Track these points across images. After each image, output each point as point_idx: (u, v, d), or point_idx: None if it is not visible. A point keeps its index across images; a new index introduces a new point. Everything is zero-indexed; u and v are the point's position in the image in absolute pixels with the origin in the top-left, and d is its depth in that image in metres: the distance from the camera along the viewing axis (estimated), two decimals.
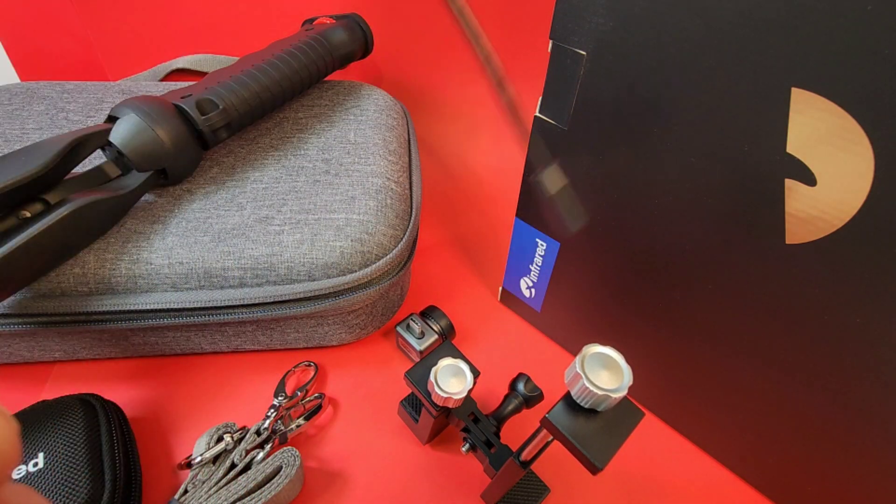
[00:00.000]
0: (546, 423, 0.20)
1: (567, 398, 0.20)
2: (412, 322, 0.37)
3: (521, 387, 0.31)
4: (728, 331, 0.27)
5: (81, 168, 0.35)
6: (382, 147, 0.38)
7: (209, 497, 0.28)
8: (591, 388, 0.18)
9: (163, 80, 0.52)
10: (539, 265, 0.36)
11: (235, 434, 0.31)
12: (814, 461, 0.28)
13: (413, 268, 0.44)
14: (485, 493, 0.30)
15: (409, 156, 0.41)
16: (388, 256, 0.33)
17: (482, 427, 0.29)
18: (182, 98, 0.34)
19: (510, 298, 0.41)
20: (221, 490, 0.28)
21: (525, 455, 0.25)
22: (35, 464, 0.27)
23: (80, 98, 0.41)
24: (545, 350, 0.39)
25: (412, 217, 0.36)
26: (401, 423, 0.34)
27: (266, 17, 0.50)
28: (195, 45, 0.52)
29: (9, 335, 0.33)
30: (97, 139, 0.31)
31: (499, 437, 0.29)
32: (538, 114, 0.29)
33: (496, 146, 0.54)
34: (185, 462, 0.30)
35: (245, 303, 0.31)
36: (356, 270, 0.32)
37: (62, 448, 0.28)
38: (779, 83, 0.20)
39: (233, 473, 0.29)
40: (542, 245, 0.35)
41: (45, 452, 0.27)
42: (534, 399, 0.31)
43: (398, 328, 0.37)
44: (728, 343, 0.28)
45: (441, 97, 0.54)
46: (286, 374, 0.35)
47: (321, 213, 0.33)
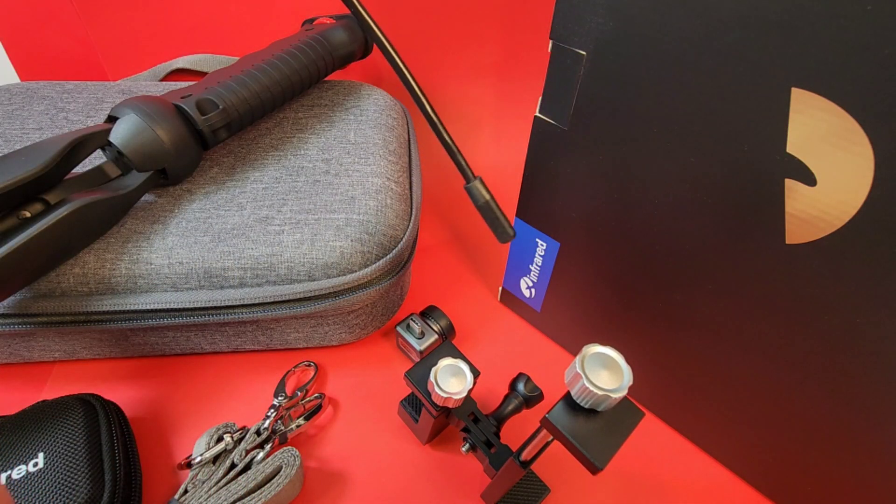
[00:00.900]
0: (546, 423, 0.20)
1: (567, 398, 0.20)
2: (412, 322, 0.37)
3: (521, 387, 0.31)
4: (728, 331, 0.27)
5: (81, 168, 0.35)
6: (382, 147, 0.38)
7: (209, 497, 0.28)
8: (591, 389, 0.18)
9: (163, 80, 0.52)
10: (539, 265, 0.36)
11: (235, 434, 0.31)
12: (814, 461, 0.28)
13: (413, 268, 0.44)
14: (485, 493, 0.30)
15: (409, 156, 0.41)
16: (388, 256, 0.33)
17: (482, 427, 0.29)
18: (182, 98, 0.34)
19: (510, 298, 0.41)
20: (221, 490, 0.28)
21: (525, 455, 0.25)
22: (35, 464, 0.27)
23: (80, 98, 0.41)
24: (545, 350, 0.39)
25: (412, 217, 0.36)
26: (401, 423, 0.34)
27: (266, 17, 0.50)
28: (195, 45, 0.52)
29: (9, 335, 0.33)
30: (97, 139, 0.31)
31: (499, 437, 0.29)
32: (538, 114, 0.29)
33: (496, 146, 0.54)
34: (185, 462, 0.30)
35: (245, 303, 0.31)
36: (356, 270, 0.32)
37: (62, 448, 0.28)
38: (779, 83, 0.20)
39: (233, 473, 0.29)
40: (542, 245, 0.35)
41: (45, 452, 0.27)
42: (534, 399, 0.31)
43: (398, 328, 0.37)
44: (728, 343, 0.28)
45: (441, 97, 0.54)
46: (286, 374, 0.35)
47: (321, 213, 0.33)
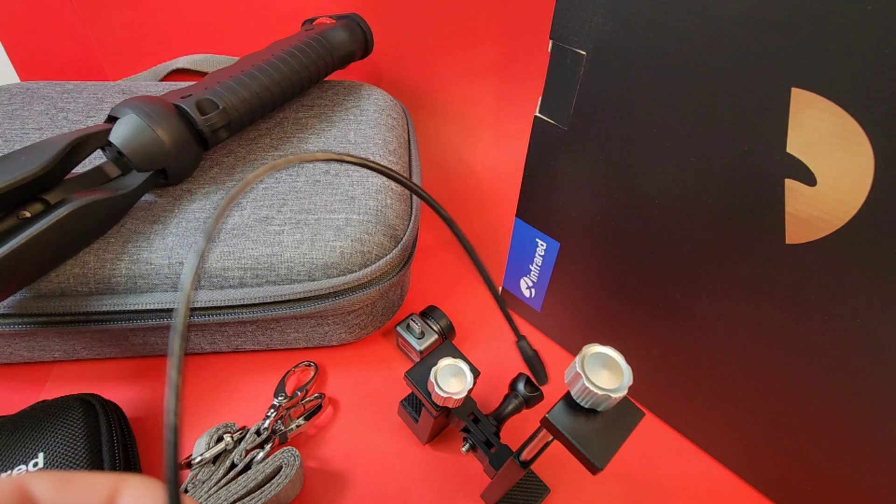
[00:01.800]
0: (546, 423, 0.20)
1: (567, 398, 0.20)
2: (412, 322, 0.37)
3: (521, 387, 0.31)
4: (728, 331, 0.27)
5: (81, 168, 0.35)
6: (382, 147, 0.38)
7: (209, 497, 0.28)
8: (592, 388, 0.18)
9: (163, 80, 0.52)
10: (539, 265, 0.36)
11: (235, 434, 0.31)
12: (814, 461, 0.28)
13: (413, 268, 0.44)
14: (485, 493, 0.30)
15: (409, 156, 0.41)
16: (388, 256, 0.33)
17: (482, 427, 0.29)
18: (182, 98, 0.34)
19: (510, 298, 0.41)
20: (221, 490, 0.28)
21: (525, 455, 0.25)
22: (35, 464, 0.27)
23: (80, 98, 0.41)
24: (545, 350, 0.39)
25: (412, 217, 0.36)
26: (400, 423, 0.34)
27: (266, 17, 0.50)
28: (195, 45, 0.52)
29: (9, 335, 0.33)
30: (97, 139, 0.31)
31: (499, 437, 0.29)
32: (538, 114, 0.29)
33: (496, 146, 0.54)
34: (185, 462, 0.30)
35: (245, 303, 0.31)
36: (356, 270, 0.32)
37: (62, 447, 0.28)
38: (779, 83, 0.20)
39: (233, 473, 0.29)
40: (542, 245, 0.35)
41: (45, 452, 0.27)
42: (534, 399, 0.31)
43: (398, 328, 0.37)
44: (728, 343, 0.28)
45: (441, 97, 0.54)
46: (286, 374, 0.35)
47: (321, 213, 0.33)
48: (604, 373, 0.19)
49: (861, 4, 0.17)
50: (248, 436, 0.31)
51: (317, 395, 0.34)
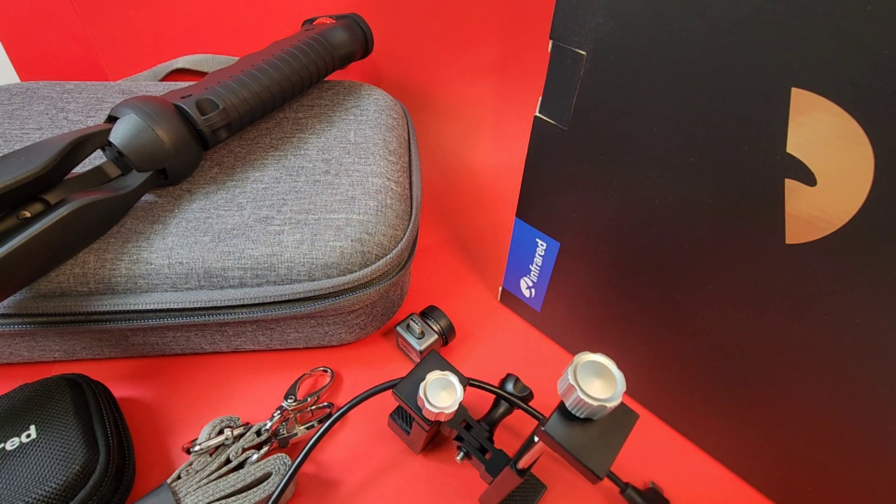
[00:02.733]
0: (542, 436, 0.20)
1: (561, 408, 0.20)
2: (412, 322, 0.37)
3: (511, 387, 0.31)
4: (727, 331, 0.27)
5: (81, 168, 0.35)
6: (382, 147, 0.38)
7: (199, 488, 0.28)
8: (586, 400, 0.18)
9: (163, 80, 0.52)
10: (539, 265, 0.36)
11: (237, 430, 0.31)
12: (814, 461, 0.28)
13: (413, 268, 0.44)
14: (482, 497, 0.30)
15: (409, 156, 0.41)
16: (388, 256, 0.33)
17: (475, 434, 0.28)
18: (182, 98, 0.34)
19: (510, 298, 0.41)
20: (211, 484, 0.28)
21: (522, 464, 0.24)
22: (28, 435, 0.27)
23: (80, 98, 0.41)
24: (545, 350, 0.39)
25: (412, 217, 0.36)
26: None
27: (266, 17, 0.50)
28: (195, 45, 0.52)
29: (9, 335, 0.33)
30: (97, 139, 0.31)
31: (492, 442, 0.29)
32: (538, 114, 0.29)
33: (496, 146, 0.54)
34: (187, 447, 0.30)
35: (245, 303, 0.31)
36: (356, 270, 0.32)
37: (53, 419, 0.28)
38: (779, 83, 0.20)
39: (225, 469, 0.29)
40: (542, 245, 0.35)
41: (37, 425, 0.28)
42: (524, 399, 0.31)
43: (398, 328, 0.37)
44: (727, 343, 0.28)
45: (441, 97, 0.54)
46: (301, 378, 0.35)
47: (321, 213, 0.33)
48: (596, 382, 0.19)
49: (861, 4, 0.17)
50: (248, 434, 0.31)
51: (326, 405, 0.34)
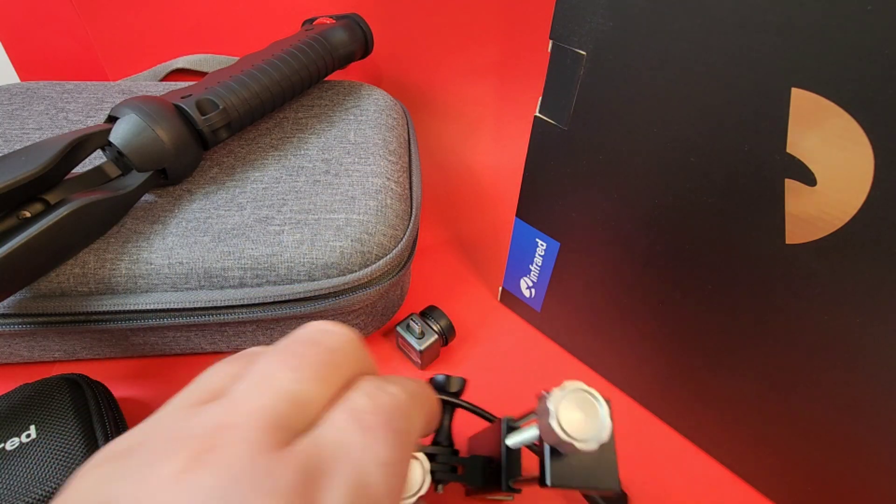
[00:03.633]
0: (554, 487, 0.19)
1: (552, 451, 0.19)
2: (412, 322, 0.37)
3: (449, 390, 0.28)
4: (727, 330, 0.27)
5: (81, 168, 0.35)
6: (382, 147, 0.38)
7: None
8: (582, 447, 0.17)
9: (163, 80, 0.52)
10: (539, 265, 0.36)
11: None
12: (814, 461, 0.28)
13: (413, 268, 0.44)
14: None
15: (409, 156, 0.41)
16: (388, 256, 0.33)
17: (441, 459, 0.25)
18: (182, 98, 0.34)
19: (510, 298, 0.41)
20: None
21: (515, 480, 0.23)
22: (28, 435, 0.27)
23: (80, 98, 0.41)
24: (545, 350, 0.39)
25: (412, 217, 0.36)
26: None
27: (266, 17, 0.50)
28: (195, 45, 0.52)
29: (9, 335, 0.33)
30: (97, 139, 0.31)
31: (457, 452, 0.26)
32: (538, 114, 0.29)
33: (496, 146, 0.54)
34: None
35: (245, 303, 0.31)
36: (356, 270, 0.32)
37: (53, 419, 0.28)
38: (779, 83, 0.20)
39: None
40: (542, 245, 0.35)
41: (37, 424, 0.28)
42: (460, 393, 0.28)
43: (398, 328, 0.37)
44: (727, 343, 0.28)
45: (441, 97, 0.54)
46: None
47: (321, 213, 0.33)
48: (578, 415, 0.17)
49: (861, 4, 0.17)
50: None
51: None
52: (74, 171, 0.31)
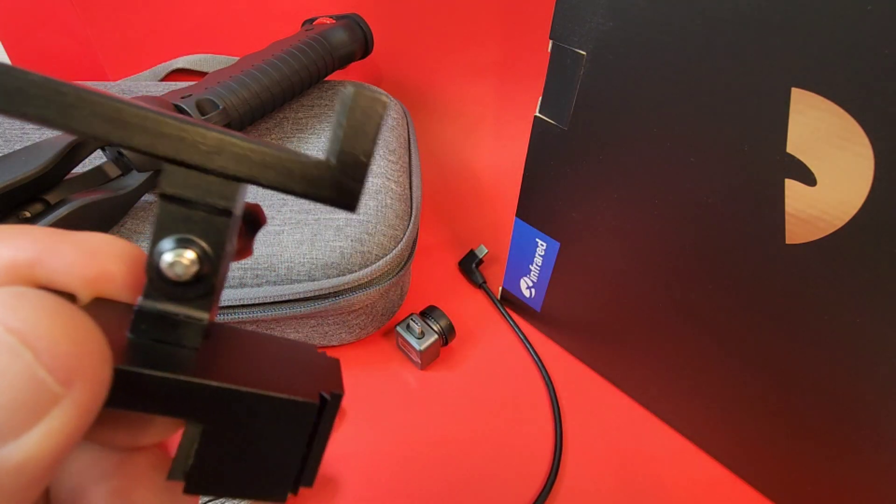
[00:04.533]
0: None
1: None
2: (412, 322, 0.37)
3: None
4: (727, 330, 0.27)
5: (81, 168, 0.35)
6: (382, 147, 0.38)
7: None
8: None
9: (163, 80, 0.52)
10: (539, 265, 0.36)
11: None
12: (813, 461, 0.28)
13: (413, 268, 0.44)
14: None
15: (409, 156, 0.41)
16: (388, 256, 0.33)
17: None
18: (182, 98, 0.34)
19: (510, 298, 0.41)
20: None
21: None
22: None
23: None
24: (545, 350, 0.39)
25: (412, 217, 0.36)
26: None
27: (266, 17, 0.50)
28: (195, 45, 0.52)
29: None
30: (97, 139, 0.31)
31: None
32: (538, 114, 0.29)
33: (496, 146, 0.54)
34: None
35: (245, 303, 0.31)
36: (356, 270, 0.32)
37: None
38: (779, 83, 0.20)
39: None
40: (542, 245, 0.35)
41: None
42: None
43: (398, 328, 0.37)
44: (727, 342, 0.28)
45: (441, 97, 0.54)
46: None
47: (321, 213, 0.33)
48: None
49: (861, 4, 0.17)
50: None
51: None
52: (74, 172, 0.31)
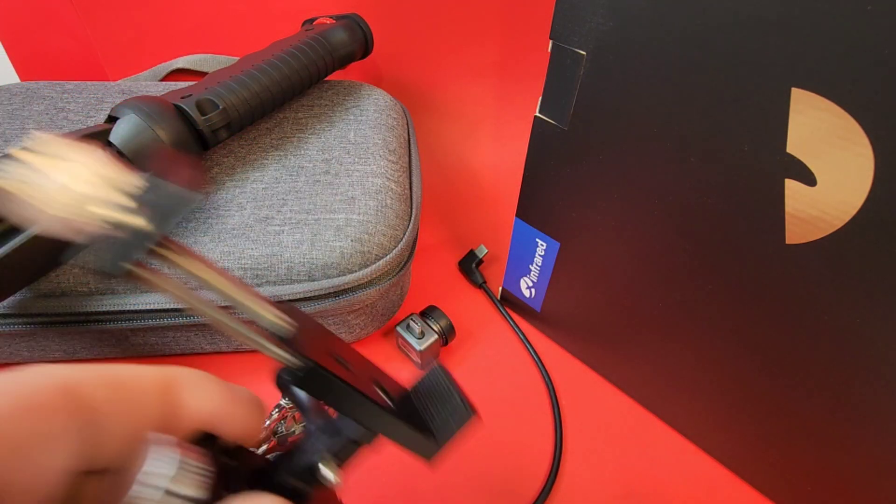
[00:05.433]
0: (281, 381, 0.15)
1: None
2: (412, 322, 0.37)
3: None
4: (727, 330, 0.27)
5: None
6: (382, 147, 0.38)
7: None
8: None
9: (163, 80, 0.52)
10: (539, 265, 0.36)
11: None
12: (814, 461, 0.28)
13: (413, 268, 0.44)
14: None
15: (409, 156, 0.41)
16: (388, 256, 0.33)
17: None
18: (182, 98, 0.34)
19: (510, 298, 0.41)
20: None
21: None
22: None
23: (80, 98, 0.41)
24: (545, 350, 0.39)
25: (412, 217, 0.36)
26: None
27: (266, 17, 0.50)
28: (195, 45, 0.52)
29: (9, 335, 0.33)
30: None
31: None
32: (538, 114, 0.29)
33: (496, 146, 0.54)
34: None
35: None
36: (356, 271, 0.32)
37: None
38: (779, 83, 0.20)
39: None
40: (542, 245, 0.35)
41: None
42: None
43: (398, 328, 0.37)
44: (727, 343, 0.28)
45: (441, 97, 0.54)
46: None
47: (321, 214, 0.33)
48: None
49: (861, 4, 0.17)
50: None
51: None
52: None
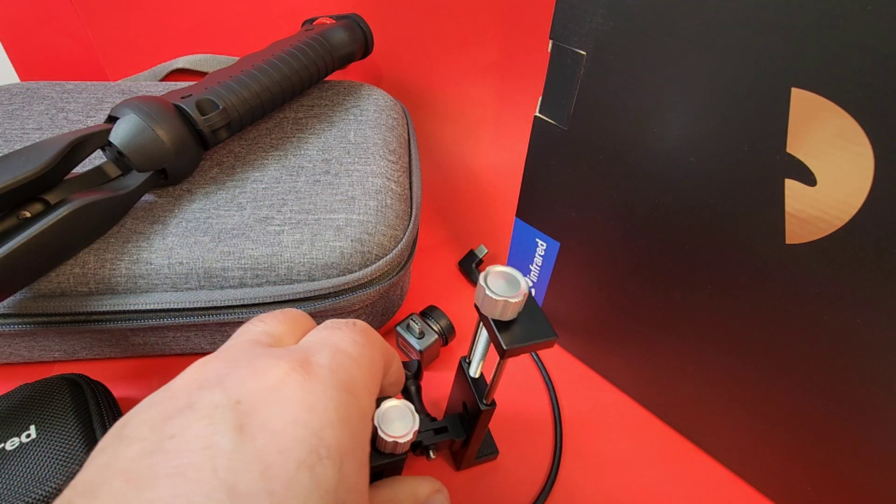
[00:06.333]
0: (511, 352, 0.22)
1: (497, 325, 0.22)
2: (412, 322, 0.37)
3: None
4: (727, 331, 0.27)
5: (81, 168, 0.35)
6: (382, 147, 0.38)
7: None
8: (513, 300, 0.21)
9: (163, 80, 0.52)
10: (539, 265, 0.36)
11: None
12: (814, 461, 0.28)
13: (413, 268, 0.44)
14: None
15: (409, 156, 0.41)
16: (388, 256, 0.33)
17: (423, 426, 0.28)
18: (182, 98, 0.34)
19: None
20: None
21: (489, 398, 0.27)
22: (28, 435, 0.27)
23: (80, 98, 0.41)
24: (545, 350, 0.39)
25: (412, 217, 0.36)
26: None
27: (266, 17, 0.50)
28: (195, 45, 0.52)
29: (9, 335, 0.33)
30: (97, 139, 0.31)
31: (434, 417, 0.29)
32: (538, 114, 0.29)
33: (496, 146, 0.54)
34: None
35: (245, 303, 0.31)
36: (356, 270, 0.32)
37: (53, 419, 0.28)
38: (779, 83, 0.20)
39: None
40: (542, 245, 0.35)
41: (37, 425, 0.28)
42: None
43: (398, 328, 0.37)
44: (727, 343, 0.28)
45: (441, 97, 0.54)
46: None
47: (321, 214, 0.33)
48: (501, 282, 0.22)
49: (861, 4, 0.17)
50: None
51: None
52: (74, 171, 0.31)
